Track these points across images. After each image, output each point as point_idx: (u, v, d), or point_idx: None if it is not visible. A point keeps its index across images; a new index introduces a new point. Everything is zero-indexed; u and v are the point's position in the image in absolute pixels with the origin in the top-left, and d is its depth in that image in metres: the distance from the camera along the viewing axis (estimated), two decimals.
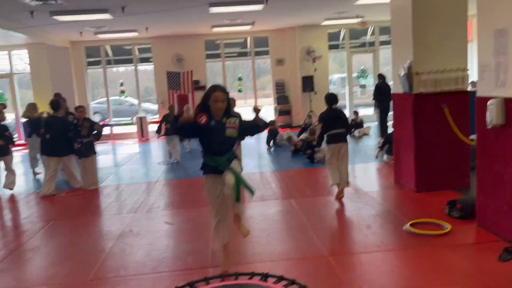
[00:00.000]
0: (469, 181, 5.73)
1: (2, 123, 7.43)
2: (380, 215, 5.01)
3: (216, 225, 3.64)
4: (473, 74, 10.77)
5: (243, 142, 6.95)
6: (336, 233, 4.50)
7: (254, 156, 9.51)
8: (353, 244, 4.19)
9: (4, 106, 8.76)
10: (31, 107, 8.90)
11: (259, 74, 17.32)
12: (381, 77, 10.78)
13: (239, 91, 15.69)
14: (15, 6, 8.31)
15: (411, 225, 4.44)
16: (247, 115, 4.72)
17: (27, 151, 9.32)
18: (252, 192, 3.56)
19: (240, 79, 15.47)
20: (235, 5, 9.32)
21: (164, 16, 10.14)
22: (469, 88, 6.00)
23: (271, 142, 10.46)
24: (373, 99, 10.78)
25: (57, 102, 7.32)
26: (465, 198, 4.97)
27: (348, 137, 5.76)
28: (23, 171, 9.21)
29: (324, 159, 6.50)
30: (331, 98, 5.61)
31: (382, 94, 10.28)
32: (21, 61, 14.82)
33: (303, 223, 4.86)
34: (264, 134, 10.01)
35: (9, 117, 12.21)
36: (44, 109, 9.74)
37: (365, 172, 7.42)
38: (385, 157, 7.82)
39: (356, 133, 11.73)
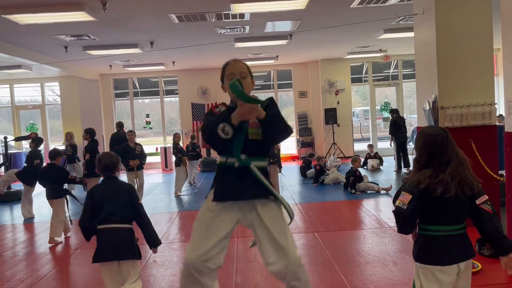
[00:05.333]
0: (500, 217, 5.57)
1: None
2: (406, 251, 4.89)
3: None
4: (499, 108, 10.59)
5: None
6: (362, 269, 4.40)
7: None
8: (379, 281, 4.09)
9: (36, 135, 9.10)
10: None
11: (282, 106, 17.48)
12: (395, 112, 11.20)
13: None
14: (51, 42, 8.76)
15: None
16: None
17: None
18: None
19: None
20: (260, 41, 9.57)
21: (191, 51, 10.47)
22: (496, 122, 5.91)
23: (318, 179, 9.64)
24: (390, 133, 11.17)
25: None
26: None
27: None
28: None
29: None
30: None
31: (398, 127, 10.80)
32: (53, 92, 15.44)
33: (328, 258, 4.79)
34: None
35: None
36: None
37: (389, 206, 7.29)
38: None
39: (369, 166, 11.66)
